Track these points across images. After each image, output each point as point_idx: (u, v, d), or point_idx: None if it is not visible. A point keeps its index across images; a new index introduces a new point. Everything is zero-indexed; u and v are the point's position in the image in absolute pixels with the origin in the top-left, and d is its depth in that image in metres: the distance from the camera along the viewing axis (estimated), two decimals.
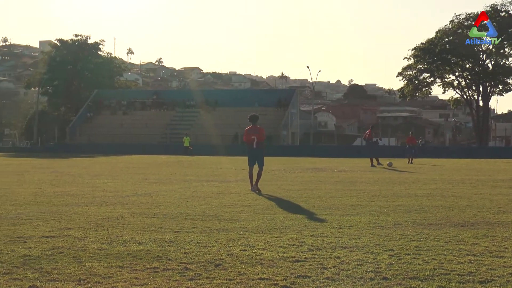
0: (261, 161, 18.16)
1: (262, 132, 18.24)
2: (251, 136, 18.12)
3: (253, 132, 18.12)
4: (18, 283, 6.75)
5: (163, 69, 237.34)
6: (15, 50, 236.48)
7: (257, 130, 18.14)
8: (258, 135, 18.10)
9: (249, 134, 18.18)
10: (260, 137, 18.14)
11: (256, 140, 18.07)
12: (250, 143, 18.16)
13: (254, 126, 18.15)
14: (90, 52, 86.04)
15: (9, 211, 12.86)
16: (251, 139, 18.12)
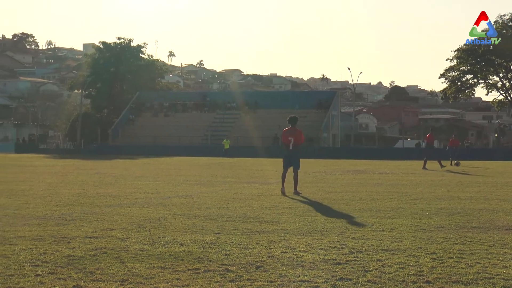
0: (296, 164, 17.88)
1: (299, 134, 17.98)
2: (288, 137, 17.90)
3: (291, 133, 17.90)
4: (63, 283, 6.84)
5: (204, 71, 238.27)
6: (59, 53, 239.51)
7: (295, 132, 17.90)
8: (295, 137, 17.86)
9: (286, 135, 17.97)
10: (297, 139, 17.88)
11: (292, 141, 17.84)
12: (287, 144, 17.96)
13: (293, 127, 17.92)
14: (132, 54, 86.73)
15: (54, 212, 13.03)
16: (288, 141, 17.91)
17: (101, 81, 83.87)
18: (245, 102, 77.31)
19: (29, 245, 9.02)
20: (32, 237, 9.73)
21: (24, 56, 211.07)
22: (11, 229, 10.56)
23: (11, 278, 7.00)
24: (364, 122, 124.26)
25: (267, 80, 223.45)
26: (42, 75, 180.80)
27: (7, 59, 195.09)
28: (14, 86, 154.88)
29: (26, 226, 10.88)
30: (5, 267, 7.54)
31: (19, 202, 15.06)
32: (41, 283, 6.83)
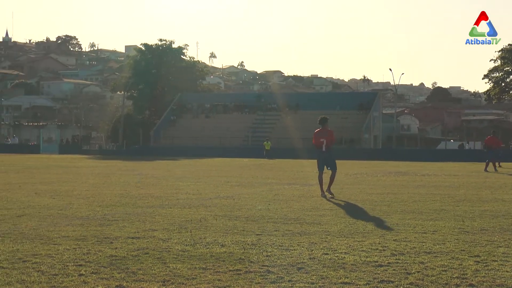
0: (333, 165, 17.54)
1: (331, 134, 17.61)
2: (320, 139, 17.51)
3: (322, 135, 17.52)
4: (106, 283, 6.91)
5: (244, 73, 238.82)
6: (102, 55, 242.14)
7: (327, 133, 17.52)
8: (327, 138, 17.48)
9: (318, 137, 17.58)
10: (329, 140, 17.51)
11: (325, 143, 17.46)
12: (319, 146, 17.58)
13: (324, 128, 17.53)
14: (174, 56, 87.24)
15: (96, 212, 13.17)
16: (320, 142, 17.51)
17: (143, 82, 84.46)
18: (285, 103, 77.24)
19: (73, 245, 9.13)
20: (76, 237, 9.85)
21: (68, 58, 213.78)
22: (55, 229, 10.70)
23: (55, 278, 7.10)
24: (405, 123, 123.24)
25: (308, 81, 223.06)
26: (85, 77, 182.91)
27: (51, 61, 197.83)
28: (58, 88, 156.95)
29: (70, 226, 11.01)
30: (49, 266, 7.65)
31: (62, 202, 15.25)
32: (85, 283, 6.90)
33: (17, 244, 9.15)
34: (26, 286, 6.75)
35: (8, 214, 12.64)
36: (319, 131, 17.66)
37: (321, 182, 17.70)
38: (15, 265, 7.69)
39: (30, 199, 16.00)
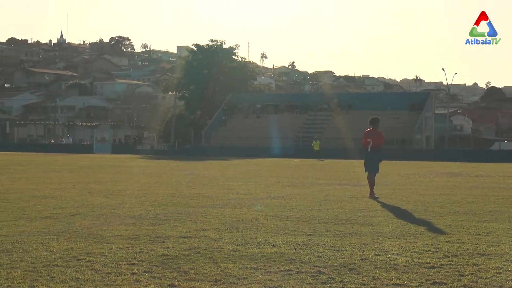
0: (375, 167, 17.24)
1: (379, 136, 17.30)
2: (367, 139, 17.26)
3: (370, 135, 17.27)
4: (158, 282, 6.97)
5: (296, 73, 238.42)
6: (154, 55, 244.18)
7: (375, 134, 17.25)
8: (374, 139, 17.17)
9: (366, 137, 17.34)
10: (376, 141, 17.18)
11: (371, 143, 17.17)
12: (365, 146, 17.37)
13: (373, 129, 17.28)
14: (225, 56, 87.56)
15: (148, 212, 13.29)
16: (366, 142, 17.27)
17: (194, 83, 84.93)
18: (337, 103, 76.92)
19: (125, 244, 9.23)
20: (128, 236, 9.96)
21: (121, 59, 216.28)
22: (108, 228, 10.83)
23: (108, 276, 7.19)
24: (458, 123, 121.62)
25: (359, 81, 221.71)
26: (137, 78, 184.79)
27: (105, 62, 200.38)
28: (110, 88, 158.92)
29: (122, 225, 11.14)
30: (102, 265, 7.75)
31: (115, 201, 15.43)
32: (137, 282, 6.98)
33: (71, 242, 9.29)
34: (80, 284, 6.86)
35: (63, 213, 12.85)
36: (368, 132, 17.45)
37: (370, 183, 17.40)
38: (70, 263, 7.81)
39: (84, 198, 16.23)
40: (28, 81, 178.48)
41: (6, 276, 7.15)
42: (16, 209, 13.42)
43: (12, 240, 9.41)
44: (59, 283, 6.86)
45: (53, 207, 13.91)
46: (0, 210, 13.21)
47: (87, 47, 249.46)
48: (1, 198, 15.77)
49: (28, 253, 8.41)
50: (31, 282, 6.89)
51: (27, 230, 10.52)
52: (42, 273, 7.28)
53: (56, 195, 16.81)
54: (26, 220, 11.68)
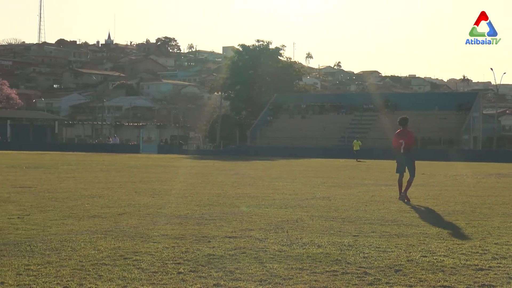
0: (411, 168, 16.83)
1: (411, 136, 16.91)
2: (399, 140, 16.83)
3: (401, 136, 16.85)
4: (204, 281, 7.01)
5: (341, 73, 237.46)
6: (200, 56, 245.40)
7: (406, 134, 16.85)
8: (406, 139, 16.75)
9: (397, 138, 16.91)
10: (408, 142, 16.76)
11: (403, 144, 16.73)
12: (398, 147, 16.89)
13: (404, 129, 16.88)
14: (270, 57, 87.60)
15: (194, 212, 13.37)
16: (399, 144, 16.82)
17: (240, 83, 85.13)
18: (383, 103, 76.38)
19: (172, 243, 9.30)
20: (174, 235, 10.03)
21: (167, 59, 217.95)
22: (154, 227, 10.93)
23: (155, 275, 7.25)
24: (507, 124, 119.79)
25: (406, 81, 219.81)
26: (183, 78, 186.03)
27: (151, 62, 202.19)
28: (157, 89, 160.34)
29: (169, 225, 11.22)
30: (149, 264, 7.82)
31: (161, 201, 15.55)
32: (183, 281, 7.02)
33: (118, 241, 9.39)
34: (127, 282, 6.93)
35: (110, 212, 13.00)
36: (399, 132, 17.01)
37: (400, 185, 16.99)
38: (117, 262, 7.90)
39: (131, 197, 16.39)
40: (76, 81, 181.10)
41: (55, 274, 7.26)
42: (65, 208, 13.62)
43: (61, 239, 9.55)
44: (107, 282, 6.94)
45: (100, 206, 14.08)
46: (49, 209, 13.42)
47: (134, 48, 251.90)
48: (50, 197, 16.01)
49: (77, 252, 8.53)
50: (79, 280, 6.99)
51: (75, 228, 10.67)
52: (90, 272, 7.38)
53: (103, 195, 17.01)
54: (74, 219, 11.84)
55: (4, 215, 12.26)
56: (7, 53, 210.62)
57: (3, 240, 9.46)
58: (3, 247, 8.80)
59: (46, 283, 6.83)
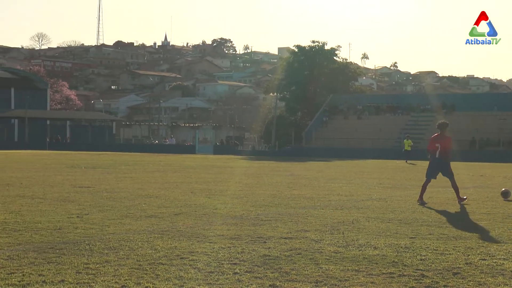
0: (448, 173, 16.33)
1: (448, 141, 16.44)
2: (435, 144, 16.42)
3: (438, 140, 16.45)
4: (259, 282, 7.02)
5: (398, 73, 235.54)
6: (255, 57, 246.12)
7: (444, 139, 16.42)
8: (443, 144, 16.31)
9: (433, 142, 16.54)
10: (445, 146, 16.29)
11: (439, 149, 16.27)
12: (433, 151, 16.45)
13: (441, 133, 16.49)
14: (326, 57, 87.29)
15: (250, 212, 13.41)
16: (434, 148, 16.40)
17: (295, 84, 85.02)
18: (440, 104, 75.42)
19: (227, 243, 9.34)
20: (230, 236, 10.07)
21: (223, 60, 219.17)
22: (210, 227, 10.99)
23: (211, 275, 7.29)
24: None
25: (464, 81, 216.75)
26: (239, 79, 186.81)
27: (207, 63, 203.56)
28: (212, 90, 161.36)
29: (224, 225, 11.27)
30: (205, 264, 7.87)
31: (217, 201, 15.64)
32: (239, 281, 7.05)
33: (175, 241, 9.48)
34: (184, 282, 6.98)
35: (166, 212, 13.12)
36: (436, 136, 16.63)
37: (424, 189, 16.51)
38: (173, 262, 7.97)
39: (187, 198, 16.52)
40: (133, 83, 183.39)
41: (113, 272, 7.36)
42: (122, 208, 13.80)
43: (118, 238, 9.68)
44: (164, 281, 7.01)
45: (157, 206, 14.22)
46: (107, 209, 13.61)
47: (190, 49, 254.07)
48: (108, 197, 16.24)
49: (134, 251, 8.63)
50: (137, 279, 7.07)
51: (132, 228, 10.80)
52: (147, 271, 7.46)
53: (160, 195, 17.18)
54: (131, 219, 11.99)
55: (64, 214, 12.49)
56: (67, 55, 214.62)
57: (63, 238, 9.63)
58: (63, 246, 8.96)
59: (104, 282, 6.93)
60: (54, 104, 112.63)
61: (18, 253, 8.43)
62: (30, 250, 8.65)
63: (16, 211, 13.01)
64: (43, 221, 11.44)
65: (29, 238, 9.67)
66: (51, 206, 13.93)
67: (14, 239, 9.54)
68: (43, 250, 8.65)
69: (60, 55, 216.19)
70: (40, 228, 10.67)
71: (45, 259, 8.05)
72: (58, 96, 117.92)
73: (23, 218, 11.90)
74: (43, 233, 10.14)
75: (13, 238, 9.66)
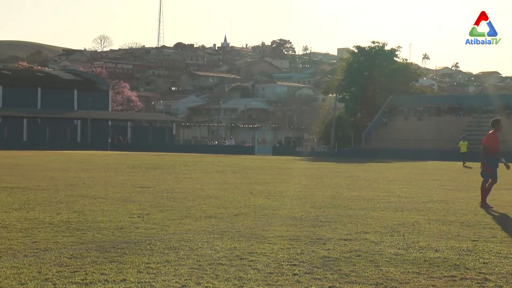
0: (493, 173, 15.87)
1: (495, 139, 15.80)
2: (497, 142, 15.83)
3: (491, 138, 15.84)
4: (319, 283, 7.01)
5: (459, 74, 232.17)
6: (315, 58, 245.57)
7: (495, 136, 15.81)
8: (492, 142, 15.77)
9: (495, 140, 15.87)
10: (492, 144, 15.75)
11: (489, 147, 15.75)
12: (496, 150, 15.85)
13: (494, 131, 15.84)
14: (386, 58, 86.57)
15: (309, 213, 13.38)
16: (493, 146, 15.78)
17: (355, 85, 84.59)
18: (503, 105, 74.03)
19: (287, 244, 9.34)
20: (289, 237, 10.07)
21: (282, 61, 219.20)
22: (269, 228, 11.01)
23: (270, 276, 7.31)
24: None
25: None
26: (298, 80, 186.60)
27: (266, 64, 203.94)
28: (272, 91, 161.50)
29: (283, 226, 11.28)
30: (264, 265, 7.88)
31: (276, 202, 15.65)
32: (298, 282, 7.05)
33: (235, 242, 9.52)
34: (243, 283, 7.01)
35: (226, 213, 13.19)
36: (490, 134, 15.95)
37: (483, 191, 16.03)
38: (233, 262, 8.01)
39: (246, 198, 16.57)
40: (193, 84, 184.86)
41: (174, 272, 7.44)
42: (182, 208, 13.92)
43: (179, 238, 9.78)
44: (223, 281, 7.05)
45: (217, 207, 14.31)
46: (168, 209, 13.75)
47: (249, 50, 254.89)
48: (169, 197, 16.41)
49: (194, 251, 8.70)
50: (196, 279, 7.13)
51: (192, 228, 10.89)
52: (207, 271, 7.51)
53: (219, 195, 17.27)
54: (191, 219, 12.09)
55: (125, 214, 12.67)
56: (128, 57, 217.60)
57: (125, 238, 9.77)
58: (125, 245, 9.09)
59: (165, 281, 7.01)
60: (115, 105, 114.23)
61: (81, 252, 8.59)
62: (93, 249, 8.80)
63: (79, 210, 13.25)
64: (105, 221, 11.63)
65: (92, 237, 9.84)
66: (113, 206, 14.14)
67: (77, 238, 9.72)
68: (105, 249, 8.79)
69: (122, 56, 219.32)
70: (102, 227, 10.84)
71: (107, 258, 8.19)
72: (119, 97, 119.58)
73: (85, 217, 12.12)
74: (105, 232, 10.30)
75: (76, 237, 9.84)
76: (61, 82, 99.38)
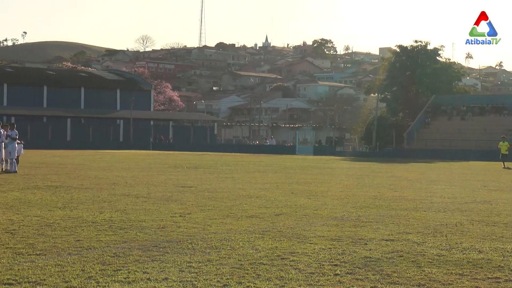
0: None
1: None
2: None
3: None
4: (360, 284, 6.98)
5: (503, 73, 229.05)
6: (356, 57, 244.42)
7: None
8: None
9: None
10: None
11: None
12: None
13: None
14: (429, 57, 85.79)
15: (350, 213, 13.34)
16: None
17: (397, 84, 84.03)
18: None
19: (328, 244, 9.33)
20: (331, 237, 10.05)
21: (323, 61, 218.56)
22: (311, 228, 11.00)
23: (311, 276, 7.30)
24: None
25: None
26: (339, 80, 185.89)
27: (308, 64, 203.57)
28: (313, 90, 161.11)
29: (325, 226, 11.26)
30: (306, 265, 7.88)
31: (318, 202, 15.62)
32: (340, 283, 7.03)
33: (276, 241, 9.53)
34: (285, 282, 7.02)
35: (267, 213, 13.21)
36: None
37: None
38: (274, 262, 8.02)
39: (287, 198, 16.57)
40: (234, 84, 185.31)
41: (215, 271, 7.47)
42: (224, 208, 13.97)
43: (220, 237, 9.82)
44: (265, 281, 7.06)
45: (258, 207, 14.33)
46: (209, 208, 13.81)
47: (290, 50, 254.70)
48: (210, 197, 16.48)
49: (235, 251, 8.73)
50: (238, 278, 7.16)
51: (234, 228, 10.92)
52: (249, 271, 7.53)
53: (260, 195, 17.29)
54: (233, 219, 12.13)
55: (167, 214, 12.76)
56: (170, 57, 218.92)
57: (167, 237, 9.84)
58: (167, 244, 9.16)
59: (207, 281, 7.04)
60: (157, 105, 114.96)
61: (123, 250, 8.67)
62: (135, 248, 8.88)
63: (121, 209, 13.38)
64: (147, 220, 11.72)
65: (134, 236, 9.93)
66: (154, 205, 14.25)
67: (120, 237, 9.81)
68: (148, 248, 8.87)
69: (164, 57, 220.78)
70: (145, 226, 10.94)
71: (149, 257, 8.26)
72: (161, 97, 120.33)
73: (128, 216, 12.23)
74: (147, 231, 10.39)
75: (118, 236, 9.94)
76: (104, 82, 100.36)
